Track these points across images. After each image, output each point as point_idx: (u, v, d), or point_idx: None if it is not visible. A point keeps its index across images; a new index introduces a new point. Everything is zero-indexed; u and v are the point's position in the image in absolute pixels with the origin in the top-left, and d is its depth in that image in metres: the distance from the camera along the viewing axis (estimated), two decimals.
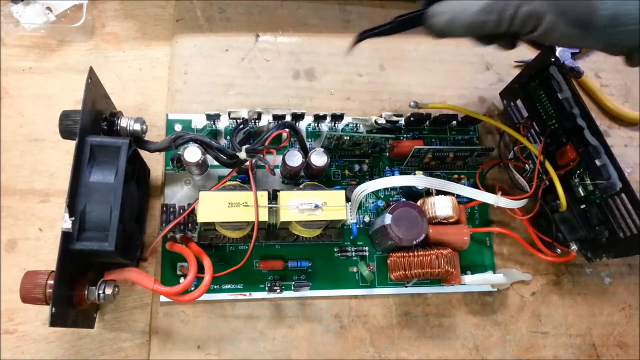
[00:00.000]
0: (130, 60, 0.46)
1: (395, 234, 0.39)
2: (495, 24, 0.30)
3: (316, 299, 0.42)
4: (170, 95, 0.45)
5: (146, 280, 0.36)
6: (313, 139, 0.45)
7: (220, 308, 0.41)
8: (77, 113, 0.33)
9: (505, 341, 0.44)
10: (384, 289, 0.43)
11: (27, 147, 0.42)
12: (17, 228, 0.40)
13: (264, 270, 0.41)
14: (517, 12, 0.29)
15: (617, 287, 0.47)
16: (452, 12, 0.31)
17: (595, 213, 0.40)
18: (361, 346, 0.42)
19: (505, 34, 0.31)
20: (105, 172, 0.33)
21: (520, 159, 0.45)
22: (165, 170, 0.42)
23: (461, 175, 0.46)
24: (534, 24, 0.29)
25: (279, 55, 0.48)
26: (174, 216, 0.39)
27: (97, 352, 0.39)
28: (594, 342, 0.45)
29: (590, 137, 0.39)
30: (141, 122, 0.37)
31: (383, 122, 0.44)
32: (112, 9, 0.47)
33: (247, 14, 0.49)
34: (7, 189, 0.41)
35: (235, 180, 0.41)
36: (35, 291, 0.32)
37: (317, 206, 0.37)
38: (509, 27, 0.30)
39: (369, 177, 0.45)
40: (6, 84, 0.44)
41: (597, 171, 0.39)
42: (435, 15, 0.32)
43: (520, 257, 0.46)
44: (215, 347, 0.40)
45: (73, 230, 0.31)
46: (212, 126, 0.44)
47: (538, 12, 0.29)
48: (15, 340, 0.38)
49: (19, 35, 0.45)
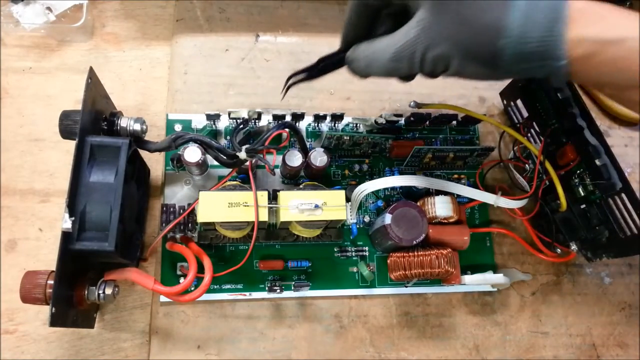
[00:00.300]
0: (130, 60, 0.46)
1: (395, 234, 0.39)
2: (407, 69, 0.31)
3: (316, 299, 0.42)
4: (170, 95, 0.45)
5: (146, 280, 0.36)
6: (313, 139, 0.45)
7: (220, 308, 0.41)
8: (77, 113, 0.33)
9: (505, 341, 0.44)
10: (384, 289, 0.43)
11: (27, 147, 0.42)
12: (17, 228, 0.40)
13: (264, 270, 0.41)
14: (424, 58, 0.30)
15: (617, 287, 0.47)
16: (366, 60, 0.33)
17: (595, 213, 0.40)
18: (361, 346, 0.42)
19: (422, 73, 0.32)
20: (105, 172, 0.33)
21: (520, 159, 0.45)
22: (165, 170, 0.42)
23: (461, 175, 0.46)
24: (444, 65, 0.31)
25: (279, 55, 0.48)
26: (174, 216, 0.39)
27: (97, 352, 0.39)
28: (594, 342, 0.45)
29: (590, 137, 0.39)
30: (141, 122, 0.37)
31: (383, 122, 0.44)
32: (112, 9, 0.47)
33: (247, 14, 0.49)
34: (7, 189, 0.41)
35: (235, 180, 0.41)
36: (35, 291, 0.32)
37: (317, 206, 0.37)
38: (421, 70, 0.31)
39: (369, 177, 0.45)
40: (6, 84, 0.44)
41: (597, 171, 0.39)
42: (354, 61, 0.34)
43: (520, 257, 0.46)
44: (215, 347, 0.40)
45: (73, 230, 0.31)
46: (212, 126, 0.44)
47: (444, 57, 0.30)
48: (15, 340, 0.38)
49: (19, 35, 0.45)
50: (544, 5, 0.28)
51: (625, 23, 0.28)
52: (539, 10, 0.28)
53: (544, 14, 0.28)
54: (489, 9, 0.28)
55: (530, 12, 0.28)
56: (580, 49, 0.28)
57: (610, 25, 0.28)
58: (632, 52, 0.27)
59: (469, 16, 0.28)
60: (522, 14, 0.28)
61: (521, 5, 0.28)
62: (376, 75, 0.34)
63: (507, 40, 0.28)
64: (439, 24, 0.29)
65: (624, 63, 0.28)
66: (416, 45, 0.30)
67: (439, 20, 0.29)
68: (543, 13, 0.28)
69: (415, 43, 0.30)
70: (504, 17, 0.28)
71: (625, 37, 0.27)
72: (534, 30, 0.28)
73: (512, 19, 0.28)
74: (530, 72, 0.29)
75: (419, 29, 0.30)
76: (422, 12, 0.30)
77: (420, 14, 0.30)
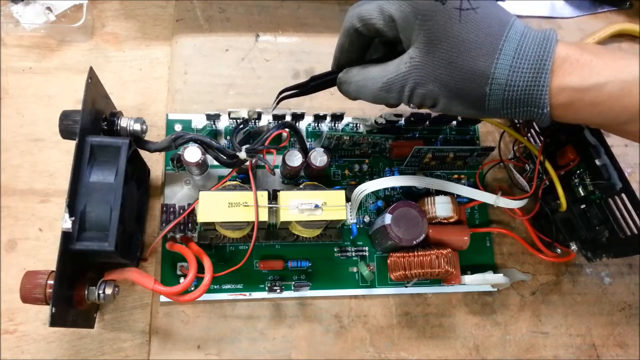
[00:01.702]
0: (130, 60, 0.46)
1: (395, 234, 0.39)
2: (396, 100, 0.33)
3: (316, 299, 0.42)
4: (170, 95, 0.45)
5: (146, 280, 0.36)
6: (313, 139, 0.45)
7: (220, 308, 0.41)
8: (77, 113, 0.33)
9: (505, 341, 0.44)
10: (384, 289, 0.43)
11: (27, 147, 0.42)
12: (17, 228, 0.40)
13: (264, 270, 0.41)
14: (413, 93, 0.32)
15: (617, 287, 0.47)
16: (357, 86, 0.34)
17: (595, 213, 0.40)
18: (361, 346, 0.42)
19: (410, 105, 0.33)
20: (105, 172, 0.33)
21: (520, 159, 0.45)
22: (165, 170, 0.42)
23: (461, 175, 0.46)
24: (432, 102, 0.32)
25: (279, 55, 0.48)
26: (174, 216, 0.39)
27: (97, 352, 0.39)
28: (594, 342, 0.45)
29: (590, 137, 0.39)
30: (141, 122, 0.37)
31: (383, 122, 0.44)
32: (112, 9, 0.47)
33: (247, 14, 0.49)
34: (7, 189, 0.41)
35: (235, 180, 0.41)
36: (35, 291, 0.32)
37: (317, 206, 0.37)
38: (408, 103, 0.33)
39: (369, 177, 0.45)
40: (6, 84, 0.44)
41: (597, 171, 0.39)
42: (344, 84, 0.35)
43: (520, 257, 0.46)
44: (215, 347, 0.40)
45: (73, 230, 0.31)
46: (212, 126, 0.44)
47: (433, 96, 0.31)
48: (15, 340, 0.38)
49: (19, 35, 0.45)
50: (530, 56, 0.29)
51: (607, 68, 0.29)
52: (526, 60, 0.29)
53: (530, 64, 0.29)
54: (479, 57, 0.29)
55: (517, 61, 0.29)
56: (562, 97, 0.29)
57: (591, 72, 0.29)
58: (611, 96, 0.29)
59: (459, 62, 0.30)
60: (510, 63, 0.29)
61: (509, 54, 0.29)
62: (365, 100, 0.35)
63: (493, 87, 0.29)
64: (429, 65, 0.30)
65: (603, 106, 0.29)
66: (406, 81, 0.31)
67: (430, 61, 0.30)
68: (529, 63, 0.29)
69: (406, 78, 0.31)
70: (492, 65, 0.29)
71: (605, 82, 0.29)
72: (520, 79, 0.29)
73: (500, 67, 0.29)
74: (515, 116, 0.30)
75: (410, 66, 0.31)
76: (415, 50, 0.31)
77: (412, 52, 0.31)
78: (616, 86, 0.28)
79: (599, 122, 0.31)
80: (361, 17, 0.32)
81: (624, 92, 0.28)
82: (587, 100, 0.29)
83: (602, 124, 0.31)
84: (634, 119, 0.29)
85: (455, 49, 0.29)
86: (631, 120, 0.29)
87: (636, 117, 0.29)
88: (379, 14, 0.31)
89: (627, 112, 0.29)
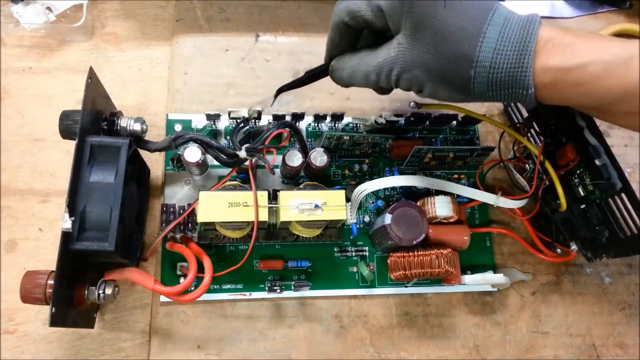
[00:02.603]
0: (130, 60, 0.46)
1: (395, 234, 0.39)
2: (386, 84, 0.34)
3: (316, 299, 0.42)
4: (170, 95, 0.45)
5: (146, 280, 0.36)
6: (313, 139, 0.45)
7: (220, 308, 0.41)
8: (77, 113, 0.33)
9: (505, 341, 0.44)
10: (384, 289, 0.43)
11: (27, 147, 0.42)
12: (17, 228, 0.40)
13: (264, 270, 0.41)
14: (400, 78, 0.33)
15: (617, 287, 0.47)
16: (350, 71, 0.35)
17: (595, 213, 0.40)
18: (361, 346, 0.42)
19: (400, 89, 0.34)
20: (105, 172, 0.33)
21: (520, 159, 0.45)
22: (165, 170, 0.42)
23: (461, 175, 0.46)
24: (418, 88, 0.33)
25: (279, 55, 0.48)
26: (174, 216, 0.39)
27: (97, 352, 0.39)
28: (594, 342, 0.45)
29: (590, 137, 0.39)
30: (141, 122, 0.37)
31: (383, 122, 0.44)
32: (112, 9, 0.47)
33: (247, 14, 0.49)
34: (7, 189, 0.41)
35: (235, 180, 0.41)
36: (35, 291, 0.32)
37: (317, 206, 0.37)
38: (397, 87, 0.34)
39: (369, 177, 0.45)
40: (6, 84, 0.44)
41: (597, 171, 0.39)
42: (337, 70, 0.36)
43: (520, 257, 0.46)
44: (215, 347, 0.40)
45: (73, 230, 0.31)
46: (212, 126, 0.44)
47: (418, 81, 0.32)
48: (15, 340, 0.38)
49: (19, 35, 0.45)
50: (513, 38, 0.29)
51: (590, 49, 0.29)
52: (509, 42, 0.29)
53: (513, 46, 0.29)
54: (463, 41, 0.30)
55: (501, 44, 0.29)
56: (546, 77, 0.29)
57: (574, 53, 0.29)
58: (593, 77, 0.29)
59: (443, 47, 0.30)
60: (493, 46, 0.29)
61: (493, 38, 0.29)
62: (357, 85, 0.36)
63: (478, 70, 0.30)
64: (416, 51, 0.31)
65: (587, 87, 0.29)
66: (394, 65, 0.32)
67: (417, 47, 0.31)
68: (512, 45, 0.29)
69: (394, 63, 0.32)
70: (477, 49, 0.29)
71: (588, 62, 0.29)
72: (504, 62, 0.29)
73: (484, 50, 0.29)
74: (500, 98, 0.31)
75: (397, 51, 0.32)
76: (402, 36, 0.32)
77: (400, 38, 0.32)
78: (599, 67, 0.29)
79: (584, 103, 0.31)
80: (349, 10, 0.33)
81: (606, 73, 0.29)
82: (571, 80, 0.29)
83: (587, 105, 0.32)
84: (617, 100, 0.29)
85: (440, 34, 0.30)
86: (615, 101, 0.30)
87: (619, 98, 0.29)
88: (366, 5, 0.32)
89: (610, 92, 0.29)
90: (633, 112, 0.30)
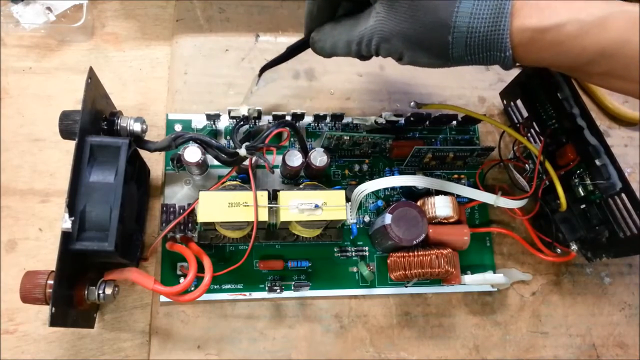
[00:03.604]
0: (130, 60, 0.46)
1: (395, 234, 0.39)
2: (366, 52, 0.34)
3: (316, 299, 0.42)
4: (170, 95, 0.45)
5: (146, 280, 0.36)
6: (313, 139, 0.45)
7: (220, 308, 0.41)
8: (77, 113, 0.33)
9: (505, 341, 0.44)
10: (384, 289, 0.43)
11: (27, 147, 0.42)
12: (17, 228, 0.40)
13: (263, 270, 0.41)
14: (379, 47, 0.33)
15: (617, 287, 0.47)
16: (333, 40, 0.35)
17: (595, 213, 0.40)
18: (361, 346, 0.42)
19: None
20: (105, 172, 0.33)
21: (520, 159, 0.45)
22: (165, 170, 0.42)
23: (461, 175, 0.46)
24: (398, 56, 0.33)
25: None
26: (174, 216, 0.39)
27: (97, 352, 0.39)
28: (594, 342, 0.45)
29: (590, 137, 0.39)
30: (141, 122, 0.37)
31: (383, 122, 0.44)
32: (112, 9, 0.47)
33: (247, 14, 0.49)
34: (7, 189, 0.41)
35: (235, 180, 0.41)
36: (35, 291, 0.32)
37: (317, 206, 0.37)
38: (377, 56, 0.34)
39: (369, 177, 0.45)
40: (6, 84, 0.44)
41: (597, 171, 0.39)
42: (318, 42, 0.36)
43: (520, 257, 0.46)
44: (215, 347, 0.40)
45: (73, 230, 0.31)
46: (212, 126, 0.44)
47: (397, 50, 0.32)
48: (15, 340, 0.38)
49: (19, 35, 0.45)
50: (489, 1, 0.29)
51: (566, 8, 0.29)
52: (485, 6, 0.29)
53: (489, 9, 0.29)
54: (439, 7, 0.30)
55: (477, 8, 0.29)
56: (523, 38, 0.29)
57: (551, 13, 0.29)
58: (570, 36, 0.29)
59: (420, 14, 0.30)
60: (470, 11, 0.29)
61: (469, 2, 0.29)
62: (339, 55, 0.36)
63: (455, 34, 0.30)
64: (392, 20, 0.31)
65: (564, 46, 0.29)
66: (373, 35, 0.32)
67: (393, 16, 0.31)
68: (488, 9, 0.29)
69: (372, 32, 0.32)
70: (453, 14, 0.30)
71: (564, 21, 0.29)
72: (480, 25, 0.29)
73: (460, 15, 0.29)
74: (479, 61, 0.31)
75: (376, 20, 0.32)
76: (379, 5, 0.32)
77: (377, 7, 0.32)
78: (575, 26, 0.29)
79: (561, 63, 0.31)
80: None
81: (582, 32, 0.29)
82: (548, 40, 0.29)
83: (565, 65, 0.32)
84: (594, 60, 0.29)
85: (416, 2, 0.30)
86: (591, 62, 0.30)
87: (596, 57, 0.29)
88: None
89: (587, 52, 0.29)
90: (609, 72, 0.30)
